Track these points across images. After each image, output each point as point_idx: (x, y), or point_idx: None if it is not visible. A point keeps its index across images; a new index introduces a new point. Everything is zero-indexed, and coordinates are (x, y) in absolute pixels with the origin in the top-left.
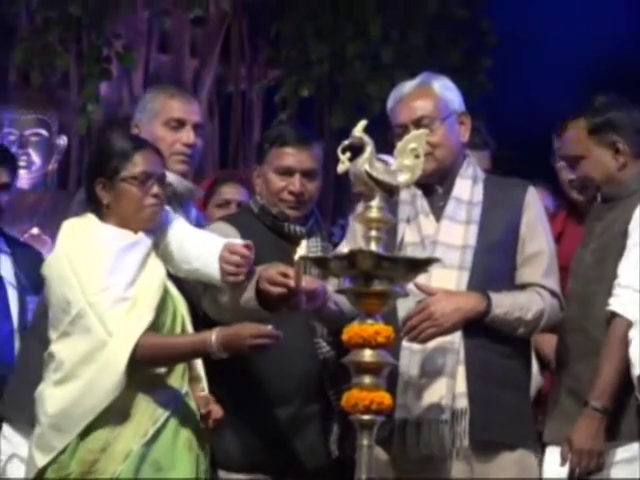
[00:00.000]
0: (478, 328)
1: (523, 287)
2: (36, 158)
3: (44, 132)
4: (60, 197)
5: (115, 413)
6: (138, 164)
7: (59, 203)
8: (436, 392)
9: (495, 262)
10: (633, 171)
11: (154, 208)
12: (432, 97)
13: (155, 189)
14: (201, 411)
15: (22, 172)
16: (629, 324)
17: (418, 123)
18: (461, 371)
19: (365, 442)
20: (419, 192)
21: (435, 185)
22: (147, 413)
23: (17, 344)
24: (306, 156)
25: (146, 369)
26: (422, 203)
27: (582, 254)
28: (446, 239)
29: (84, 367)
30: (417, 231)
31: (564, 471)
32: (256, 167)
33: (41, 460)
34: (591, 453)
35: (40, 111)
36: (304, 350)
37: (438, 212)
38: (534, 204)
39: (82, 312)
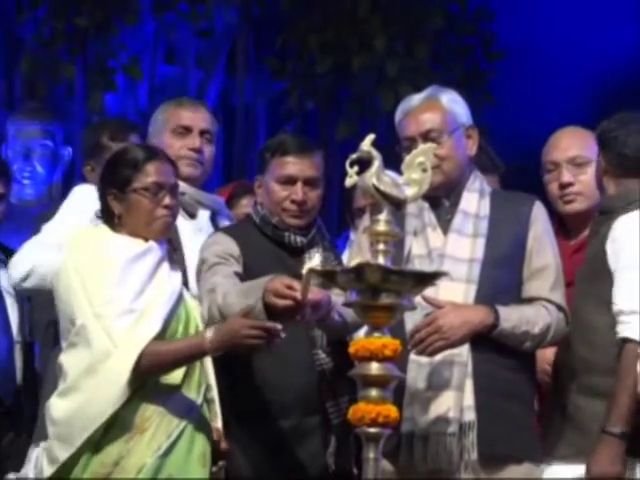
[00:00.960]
0: (485, 341)
1: (530, 301)
2: (41, 169)
3: (49, 143)
4: None
5: (129, 426)
6: (150, 174)
7: None
8: (443, 405)
9: (502, 276)
10: (631, 184)
11: (165, 219)
12: (440, 110)
13: (167, 200)
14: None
15: (27, 183)
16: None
17: (426, 136)
18: (469, 384)
19: (371, 455)
20: (426, 205)
21: (442, 198)
22: (161, 426)
23: (18, 356)
24: (307, 164)
25: (154, 378)
26: (429, 216)
27: (581, 267)
28: (453, 252)
29: (87, 378)
30: (424, 244)
31: None
32: (257, 177)
33: (48, 470)
34: (611, 478)
35: (45, 122)
36: (303, 362)
37: (445, 225)
38: (541, 218)
39: (86, 323)
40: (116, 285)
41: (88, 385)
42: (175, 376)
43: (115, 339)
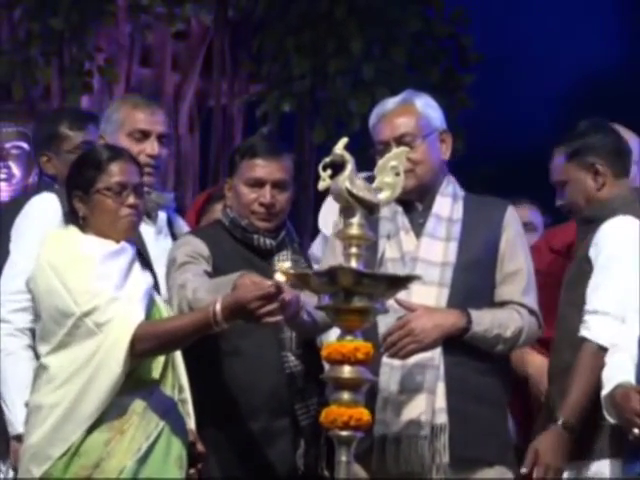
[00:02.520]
0: (457, 345)
1: (502, 305)
2: (16, 171)
3: (25, 145)
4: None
5: (108, 427)
6: (113, 174)
7: None
8: (416, 408)
9: (474, 279)
10: (614, 191)
11: (130, 218)
12: (414, 114)
13: (131, 199)
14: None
15: (2, 184)
16: (599, 348)
17: (400, 140)
18: (441, 387)
19: (344, 458)
20: (400, 209)
21: (415, 202)
22: (140, 428)
23: None
24: (276, 167)
25: (139, 377)
26: (403, 220)
27: (565, 275)
28: (426, 256)
29: (80, 373)
30: (397, 247)
31: None
32: (227, 180)
33: (37, 471)
34: (557, 470)
35: (21, 124)
36: (271, 364)
37: (418, 229)
38: (513, 223)
39: (79, 322)
40: (96, 279)
41: (81, 379)
42: (154, 373)
43: (104, 329)
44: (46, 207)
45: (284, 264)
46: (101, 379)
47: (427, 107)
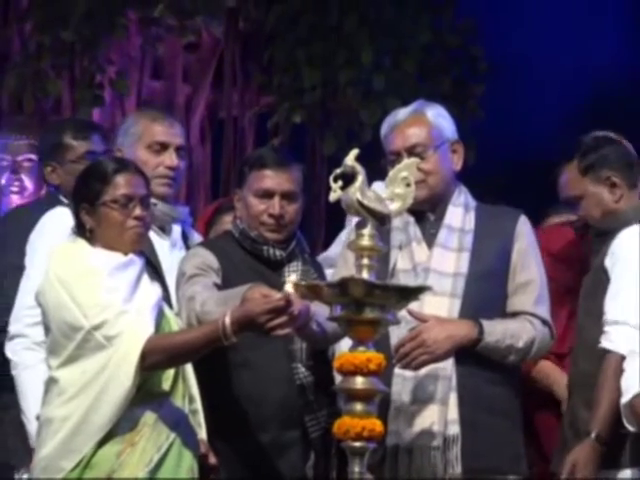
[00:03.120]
0: (469, 355)
1: (514, 315)
2: (28, 183)
3: (36, 157)
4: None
5: (119, 440)
6: (119, 187)
7: None
8: (428, 419)
9: (487, 290)
10: (630, 202)
11: (136, 229)
12: (426, 125)
13: (137, 211)
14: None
15: (14, 197)
16: (621, 358)
17: (411, 151)
18: (453, 398)
19: (357, 469)
20: (411, 219)
21: (427, 212)
22: (151, 439)
23: None
24: (285, 178)
25: (150, 389)
26: (414, 230)
27: (582, 285)
28: (438, 266)
29: (90, 386)
30: (409, 258)
31: None
32: (237, 191)
33: None
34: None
35: (33, 137)
36: (282, 375)
37: (430, 239)
38: (526, 233)
39: (88, 335)
40: (106, 293)
41: (92, 392)
42: (164, 385)
43: (114, 343)
44: (60, 222)
45: (293, 276)
46: (111, 392)
47: (439, 117)
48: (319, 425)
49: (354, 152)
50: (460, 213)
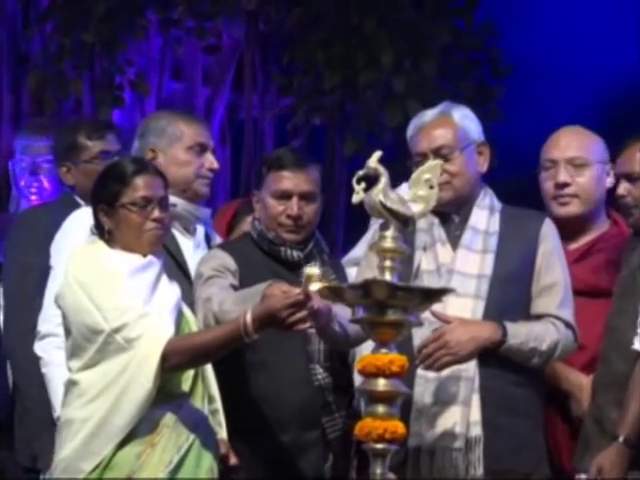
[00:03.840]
0: (492, 357)
1: (538, 317)
2: (47, 184)
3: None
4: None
5: (140, 441)
6: (138, 189)
7: None
8: (450, 420)
9: (510, 292)
10: None
11: (155, 232)
12: (452, 126)
13: (156, 213)
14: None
15: (34, 198)
16: None
17: (437, 152)
18: (475, 399)
19: (378, 471)
20: (436, 220)
21: (452, 214)
22: (171, 440)
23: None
24: (303, 179)
25: (169, 390)
26: (439, 232)
27: (616, 285)
28: (462, 268)
29: (110, 388)
30: (433, 259)
31: None
32: (255, 192)
33: None
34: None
35: (53, 138)
36: (300, 376)
37: (454, 241)
38: (550, 236)
39: (109, 338)
40: (125, 295)
41: (112, 394)
42: (183, 386)
43: (135, 345)
44: (85, 222)
45: (312, 270)
46: (132, 394)
47: (465, 119)
48: (337, 426)
49: (377, 154)
50: (485, 215)
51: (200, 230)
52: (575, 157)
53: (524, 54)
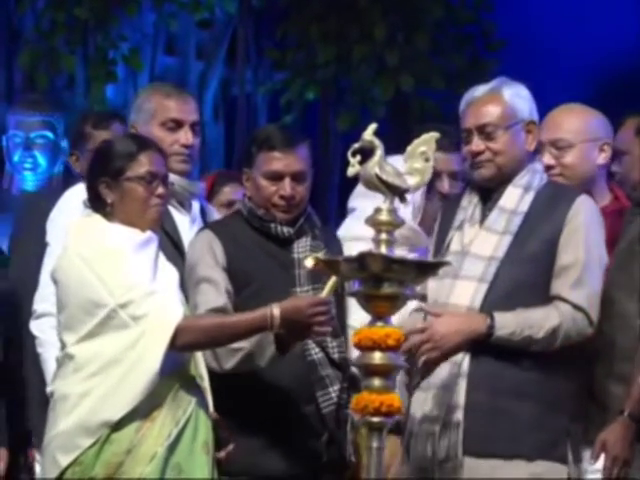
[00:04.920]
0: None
1: (552, 299)
2: (42, 160)
3: (50, 134)
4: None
5: (139, 414)
6: (144, 164)
7: None
8: (430, 403)
9: (523, 274)
10: None
11: (159, 208)
12: (500, 104)
13: (160, 189)
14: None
15: (28, 174)
16: None
17: (482, 129)
18: (461, 383)
19: (375, 444)
20: (476, 199)
21: (493, 192)
22: (169, 414)
23: None
24: (294, 159)
25: (166, 366)
26: (475, 211)
27: (613, 257)
28: (476, 250)
29: (112, 365)
30: (460, 239)
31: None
32: (245, 170)
33: (65, 460)
34: (624, 461)
35: (46, 113)
36: (293, 352)
37: (484, 221)
38: (580, 214)
39: (113, 313)
40: (131, 271)
41: (114, 372)
42: (181, 357)
43: (143, 323)
44: (81, 198)
45: (310, 259)
46: (139, 374)
47: (515, 97)
48: (332, 401)
49: (372, 126)
50: (517, 194)
51: (195, 206)
52: (558, 139)
53: (518, 29)
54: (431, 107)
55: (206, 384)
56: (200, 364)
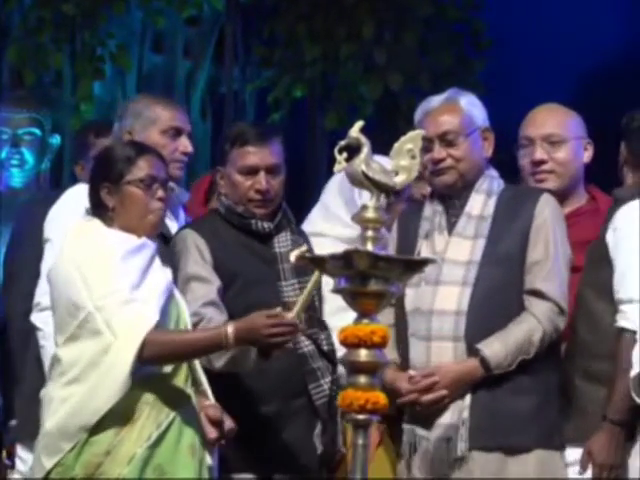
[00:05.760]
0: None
1: (530, 293)
2: (29, 157)
3: (37, 131)
4: (53, 196)
5: (119, 417)
6: (143, 168)
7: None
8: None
9: (500, 275)
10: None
11: (159, 212)
12: (458, 113)
13: (160, 193)
14: (210, 413)
15: (15, 171)
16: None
17: (443, 137)
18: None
19: (360, 442)
20: (440, 208)
21: (454, 200)
22: (151, 417)
23: None
24: (268, 152)
25: (151, 371)
26: (440, 219)
27: (586, 256)
28: (453, 256)
29: (90, 370)
30: (431, 248)
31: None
32: (219, 169)
33: (48, 462)
34: (612, 467)
35: (33, 110)
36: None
37: (452, 228)
38: (544, 211)
39: (89, 316)
40: (115, 277)
41: (91, 377)
42: (166, 366)
43: (116, 330)
44: (81, 197)
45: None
46: (109, 380)
47: (470, 105)
48: (323, 392)
49: (359, 124)
50: (481, 200)
51: (182, 213)
52: (551, 134)
53: (506, 29)
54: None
55: (205, 387)
56: (198, 370)
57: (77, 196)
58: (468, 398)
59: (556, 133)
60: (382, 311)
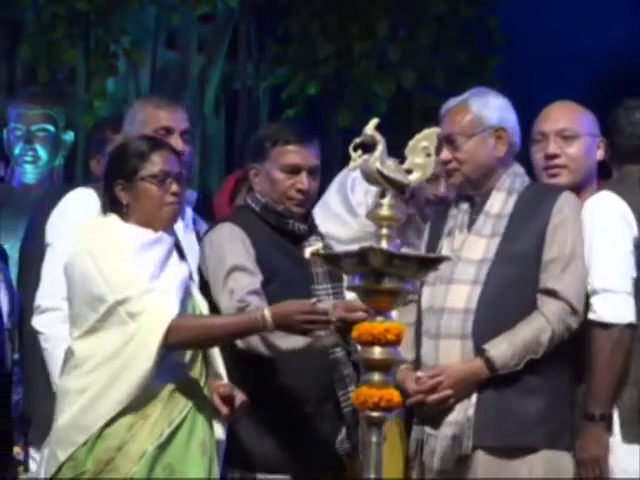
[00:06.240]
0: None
1: (544, 292)
2: (42, 153)
3: (51, 127)
4: (66, 192)
5: (132, 412)
6: (156, 163)
7: None
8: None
9: (512, 273)
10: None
11: (173, 206)
12: (464, 114)
13: (174, 187)
14: (220, 391)
15: (28, 167)
16: (605, 326)
17: (448, 139)
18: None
19: (374, 439)
20: (465, 206)
21: (477, 198)
22: (164, 413)
23: (8, 343)
24: (310, 153)
25: (167, 365)
26: (463, 218)
27: None
28: (468, 254)
29: (110, 362)
30: (450, 246)
31: None
32: (254, 165)
33: (62, 455)
34: (597, 461)
35: (47, 106)
36: (315, 350)
37: (471, 226)
38: (563, 209)
39: (112, 309)
40: (133, 268)
41: (112, 368)
42: (180, 361)
43: (139, 320)
44: (82, 202)
45: (315, 246)
46: (132, 371)
47: (482, 106)
48: (350, 400)
49: (374, 121)
50: (501, 198)
51: (188, 212)
52: (564, 129)
53: (520, 26)
54: (432, 103)
55: (220, 370)
56: (218, 364)
57: (77, 200)
58: (474, 396)
59: (569, 128)
60: (404, 310)
